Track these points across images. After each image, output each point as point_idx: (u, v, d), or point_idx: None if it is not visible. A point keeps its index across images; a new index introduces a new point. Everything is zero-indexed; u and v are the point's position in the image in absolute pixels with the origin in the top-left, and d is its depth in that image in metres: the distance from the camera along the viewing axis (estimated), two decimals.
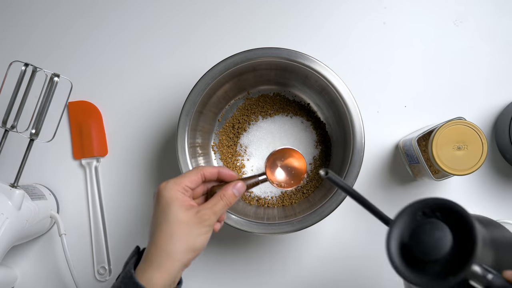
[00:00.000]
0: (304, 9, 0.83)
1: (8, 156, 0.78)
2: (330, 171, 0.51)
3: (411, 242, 0.47)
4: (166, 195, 0.56)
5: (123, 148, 0.82)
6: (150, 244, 0.56)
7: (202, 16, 0.83)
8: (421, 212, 0.48)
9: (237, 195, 0.59)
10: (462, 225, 0.45)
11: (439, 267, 0.45)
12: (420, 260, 0.46)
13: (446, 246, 0.45)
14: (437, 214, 0.47)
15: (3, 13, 0.84)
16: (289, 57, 0.70)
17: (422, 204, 0.48)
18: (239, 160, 0.79)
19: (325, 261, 0.79)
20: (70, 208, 0.80)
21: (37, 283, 0.79)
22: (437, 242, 0.45)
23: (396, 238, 0.48)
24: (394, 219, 0.48)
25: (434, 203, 0.47)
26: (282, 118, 0.79)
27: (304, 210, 0.71)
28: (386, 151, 0.80)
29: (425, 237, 0.46)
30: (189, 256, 0.55)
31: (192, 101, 0.71)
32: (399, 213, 0.48)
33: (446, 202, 0.47)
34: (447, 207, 0.47)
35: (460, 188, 0.79)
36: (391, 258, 0.47)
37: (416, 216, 0.48)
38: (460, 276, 0.43)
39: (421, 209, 0.48)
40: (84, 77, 0.82)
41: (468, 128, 0.67)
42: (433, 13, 0.82)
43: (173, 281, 0.56)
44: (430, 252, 0.45)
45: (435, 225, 0.46)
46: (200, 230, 0.56)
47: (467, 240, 0.44)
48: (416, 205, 0.48)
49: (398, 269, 0.46)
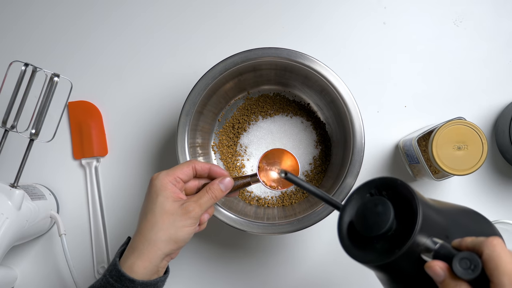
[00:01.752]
0: (304, 9, 0.83)
1: (8, 156, 0.78)
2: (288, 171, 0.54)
3: (356, 220, 0.48)
4: (156, 184, 0.58)
5: (123, 148, 0.82)
6: (135, 233, 0.58)
7: (202, 16, 0.83)
8: (369, 194, 0.49)
9: (223, 190, 0.60)
10: (404, 199, 0.45)
11: (386, 244, 0.45)
12: (367, 238, 0.46)
13: (388, 220, 0.45)
14: (383, 193, 0.48)
15: (3, 12, 0.84)
16: (289, 57, 0.70)
17: (368, 185, 0.49)
18: (239, 160, 0.79)
19: (325, 261, 0.79)
20: (70, 208, 0.80)
21: (37, 283, 0.79)
22: (378, 217, 0.46)
23: (346, 221, 0.49)
24: (344, 203, 0.50)
25: (378, 182, 0.48)
26: (282, 118, 0.79)
27: (304, 210, 0.71)
28: (386, 151, 0.80)
29: (368, 213, 0.47)
30: (171, 246, 0.56)
31: (192, 101, 0.71)
32: (348, 197, 0.50)
33: (387, 179, 0.48)
34: (389, 183, 0.48)
35: (460, 188, 0.79)
36: (340, 239, 0.48)
37: (364, 198, 0.49)
38: (405, 248, 0.43)
39: (367, 190, 0.49)
40: (84, 77, 0.82)
41: (468, 128, 0.67)
42: (433, 13, 0.82)
43: (156, 270, 0.57)
44: (372, 227, 0.46)
45: (377, 201, 0.47)
46: (184, 222, 0.57)
47: (410, 213, 0.44)
48: (363, 187, 0.49)
49: (346, 249, 0.47)
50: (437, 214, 0.46)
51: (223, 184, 0.60)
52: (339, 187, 0.69)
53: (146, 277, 0.56)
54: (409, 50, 0.82)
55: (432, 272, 0.43)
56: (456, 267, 0.42)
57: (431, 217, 0.45)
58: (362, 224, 0.47)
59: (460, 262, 0.42)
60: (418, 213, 0.44)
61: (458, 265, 0.42)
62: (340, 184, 0.69)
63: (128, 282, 0.54)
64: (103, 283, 0.56)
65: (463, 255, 0.42)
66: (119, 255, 0.58)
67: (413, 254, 0.44)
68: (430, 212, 0.46)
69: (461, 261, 0.42)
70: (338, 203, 0.52)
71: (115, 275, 0.55)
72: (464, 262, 0.42)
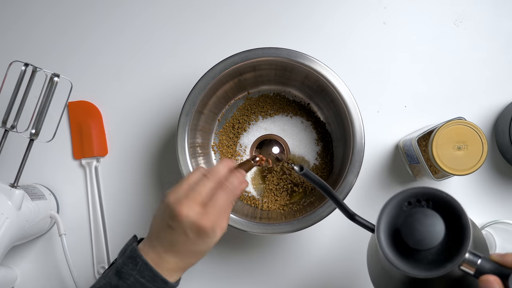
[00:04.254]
0: (304, 9, 0.83)
1: (8, 156, 0.78)
2: (305, 167, 0.51)
3: (405, 231, 0.46)
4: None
5: (123, 148, 0.81)
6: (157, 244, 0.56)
7: (202, 16, 0.83)
8: (407, 203, 0.47)
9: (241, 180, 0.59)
10: (452, 212, 0.45)
11: (432, 256, 0.45)
12: (413, 249, 0.45)
13: (440, 234, 0.44)
14: (423, 203, 0.47)
15: (3, 12, 0.84)
16: (289, 57, 0.70)
17: (407, 194, 0.47)
18: (239, 160, 0.79)
19: (325, 261, 0.79)
20: (70, 208, 0.80)
21: (37, 283, 0.79)
22: (431, 229, 0.45)
23: (385, 230, 0.47)
24: (381, 211, 0.48)
25: (421, 192, 0.47)
26: (282, 118, 0.79)
27: (304, 210, 0.71)
28: (386, 151, 0.80)
29: (418, 225, 0.45)
30: (194, 260, 0.57)
31: (192, 101, 0.71)
32: (385, 205, 0.48)
33: (434, 191, 0.46)
34: (435, 196, 0.46)
35: (460, 188, 0.79)
36: (383, 252, 0.46)
37: (402, 207, 0.47)
38: (457, 263, 0.43)
39: (406, 199, 0.47)
40: (84, 77, 0.82)
41: (468, 128, 0.67)
42: (433, 13, 0.82)
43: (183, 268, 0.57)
44: (424, 240, 0.44)
45: (427, 213, 0.45)
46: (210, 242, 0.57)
47: (459, 227, 0.44)
48: (402, 196, 0.47)
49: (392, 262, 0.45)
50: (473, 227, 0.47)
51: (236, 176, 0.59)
52: (339, 187, 0.69)
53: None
54: (409, 50, 0.82)
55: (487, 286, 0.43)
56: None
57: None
58: (412, 235, 0.45)
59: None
60: (469, 228, 0.44)
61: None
62: (340, 184, 0.69)
63: (161, 282, 0.54)
64: (130, 283, 0.54)
65: None
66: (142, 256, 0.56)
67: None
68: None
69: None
70: (353, 212, 0.51)
71: (148, 275, 0.54)
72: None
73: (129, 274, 0.54)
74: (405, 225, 0.46)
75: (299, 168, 0.51)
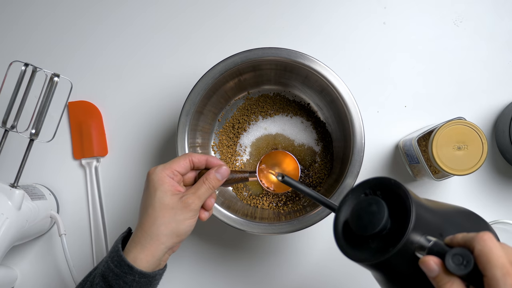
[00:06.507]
0: (304, 9, 0.83)
1: (8, 156, 0.78)
2: (285, 175, 0.56)
3: (351, 220, 0.48)
4: (154, 179, 0.58)
5: (123, 148, 0.82)
6: (137, 227, 0.58)
7: (202, 16, 0.83)
8: (363, 194, 0.49)
9: (220, 179, 0.60)
10: (398, 198, 0.46)
11: (381, 243, 0.46)
12: (363, 237, 0.47)
13: (382, 219, 0.46)
14: (378, 193, 0.48)
15: (3, 12, 0.84)
16: (289, 57, 0.70)
17: (362, 185, 0.50)
18: (239, 160, 0.79)
19: (325, 261, 0.79)
20: (70, 208, 0.80)
21: (37, 283, 0.79)
22: (373, 216, 0.46)
23: (342, 221, 0.50)
24: (339, 204, 0.51)
25: (373, 182, 0.49)
26: (282, 118, 0.79)
27: (304, 210, 0.71)
28: (386, 151, 0.80)
29: (362, 213, 0.47)
30: (174, 240, 0.57)
31: (192, 101, 0.71)
32: (343, 198, 0.51)
33: (381, 178, 0.49)
34: (383, 183, 0.48)
35: (460, 188, 0.79)
36: (336, 239, 0.49)
37: (359, 198, 0.50)
38: (399, 246, 0.44)
39: (362, 191, 0.50)
40: (84, 77, 0.82)
41: (468, 128, 0.67)
42: (433, 13, 0.82)
43: (158, 264, 0.57)
44: (367, 227, 0.46)
45: (371, 201, 0.47)
46: (185, 215, 0.57)
47: (403, 212, 0.45)
48: (357, 187, 0.50)
49: (342, 248, 0.48)
50: (431, 213, 0.47)
51: (219, 173, 0.60)
52: (339, 187, 0.69)
53: (148, 270, 0.56)
54: (409, 50, 0.82)
55: (425, 267, 0.43)
56: (449, 263, 0.42)
57: (425, 216, 0.46)
58: (357, 223, 0.47)
59: (452, 258, 0.42)
60: (412, 211, 0.44)
61: (451, 261, 0.42)
62: (340, 184, 0.69)
63: (127, 268, 0.55)
64: (104, 268, 0.56)
65: (456, 251, 0.42)
66: (120, 242, 0.58)
67: (408, 252, 0.44)
68: (424, 211, 0.46)
69: (454, 257, 0.42)
70: (334, 205, 0.53)
71: (116, 260, 0.56)
72: (457, 258, 0.42)
73: (104, 261, 0.57)
74: (352, 214, 0.49)
75: (280, 176, 0.55)
